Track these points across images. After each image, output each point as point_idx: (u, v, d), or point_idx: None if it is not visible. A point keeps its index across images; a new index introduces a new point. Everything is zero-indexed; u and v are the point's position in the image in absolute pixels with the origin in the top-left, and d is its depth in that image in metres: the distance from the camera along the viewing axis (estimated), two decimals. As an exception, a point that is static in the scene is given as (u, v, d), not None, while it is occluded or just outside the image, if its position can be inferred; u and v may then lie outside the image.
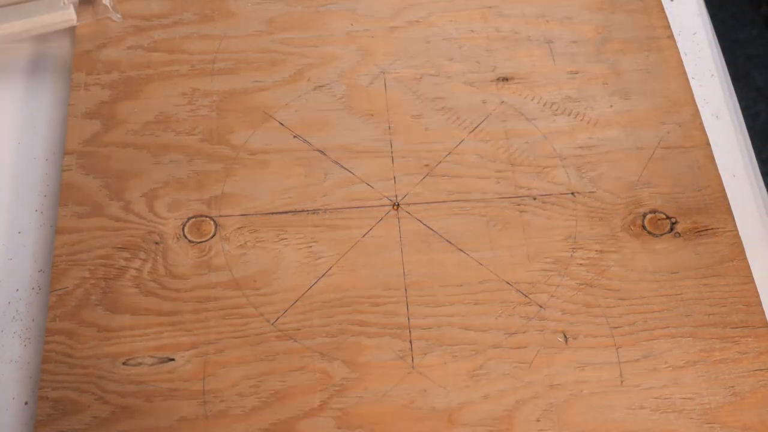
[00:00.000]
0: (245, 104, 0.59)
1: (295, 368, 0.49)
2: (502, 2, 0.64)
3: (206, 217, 0.54)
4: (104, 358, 0.49)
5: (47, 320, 0.50)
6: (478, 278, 0.52)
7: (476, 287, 0.52)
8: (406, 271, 0.53)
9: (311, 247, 0.53)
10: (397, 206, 0.55)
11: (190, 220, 0.54)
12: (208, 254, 0.53)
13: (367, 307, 0.51)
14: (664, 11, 0.64)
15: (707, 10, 0.66)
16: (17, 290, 0.52)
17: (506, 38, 0.62)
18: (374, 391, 0.48)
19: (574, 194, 0.55)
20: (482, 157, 0.57)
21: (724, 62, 0.63)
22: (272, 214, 0.54)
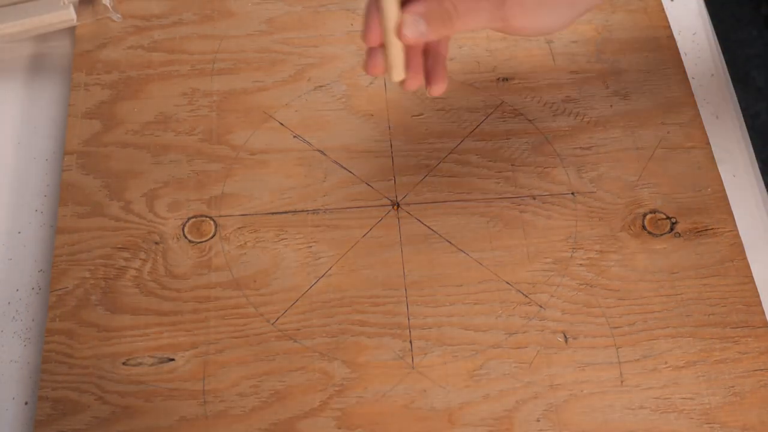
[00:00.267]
0: (245, 104, 0.59)
1: (295, 368, 0.49)
2: (502, 2, 0.64)
3: (206, 217, 0.54)
4: (104, 358, 0.49)
5: (47, 320, 0.50)
6: (478, 278, 0.52)
7: (476, 287, 0.52)
8: (406, 271, 0.53)
9: (311, 247, 0.53)
10: (397, 206, 0.55)
11: (190, 220, 0.54)
12: (208, 254, 0.53)
13: (367, 307, 0.51)
14: (664, 11, 0.64)
15: (707, 10, 0.66)
16: (17, 290, 0.52)
17: (506, 38, 0.62)
18: (374, 391, 0.48)
19: (574, 194, 0.55)
20: (482, 157, 0.57)
21: (724, 62, 0.63)
22: (272, 214, 0.54)
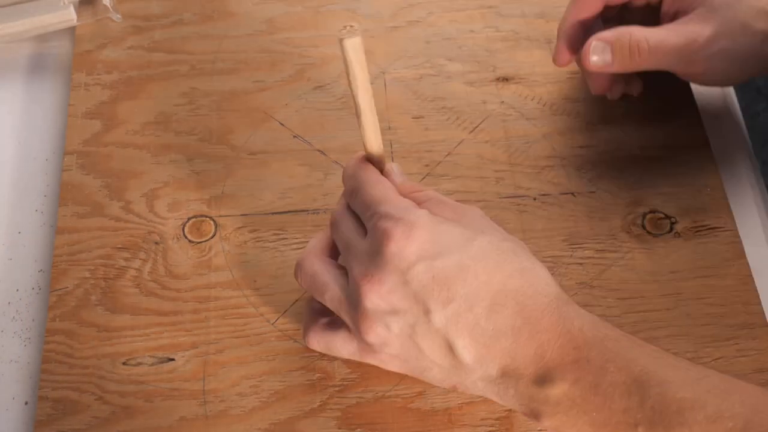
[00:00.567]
0: (245, 104, 0.59)
1: (295, 368, 0.49)
2: (502, 2, 0.64)
3: (206, 217, 0.54)
4: (104, 358, 0.49)
5: (47, 320, 0.50)
6: (478, 278, 0.52)
7: (476, 287, 0.52)
8: (406, 271, 0.53)
9: (311, 247, 0.53)
10: (397, 206, 0.55)
11: (190, 220, 0.54)
12: (208, 254, 0.53)
13: (367, 307, 0.51)
14: (664, 11, 0.63)
15: (707, 10, 0.65)
16: (17, 290, 0.52)
17: (506, 38, 0.62)
18: (374, 391, 0.48)
19: (574, 194, 0.55)
20: (482, 157, 0.57)
21: (724, 62, 0.63)
22: (272, 214, 0.55)
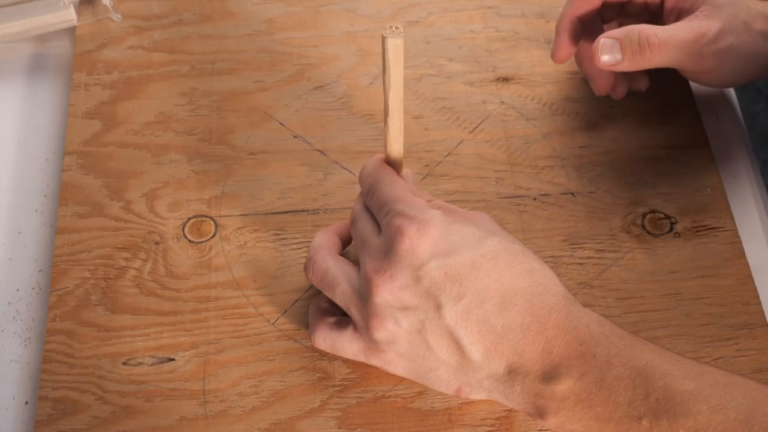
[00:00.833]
0: (245, 104, 0.59)
1: (295, 368, 0.49)
2: (501, 2, 0.64)
3: (206, 217, 0.54)
4: (104, 358, 0.49)
5: (47, 320, 0.50)
6: (478, 278, 0.52)
7: (476, 287, 0.52)
8: (406, 271, 0.53)
9: (311, 247, 0.53)
10: (397, 206, 0.55)
11: (190, 220, 0.54)
12: (208, 254, 0.53)
13: (367, 307, 0.51)
14: (663, 11, 0.63)
15: (707, 10, 0.65)
16: (17, 290, 0.52)
17: (506, 38, 0.62)
18: (374, 391, 0.49)
19: (573, 194, 0.55)
20: (482, 157, 0.57)
21: (723, 62, 0.63)
22: (272, 214, 0.55)
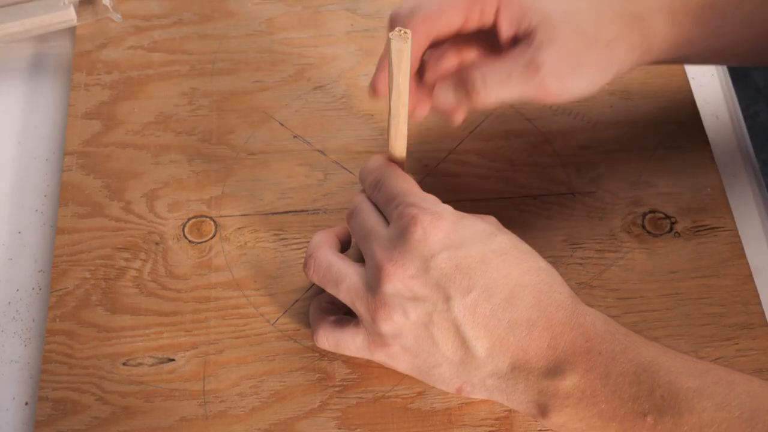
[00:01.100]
0: (245, 104, 0.59)
1: (295, 368, 0.49)
2: (502, 2, 0.64)
3: (206, 217, 0.54)
4: (104, 358, 0.49)
5: (47, 320, 0.50)
6: (478, 278, 0.52)
7: (476, 287, 0.52)
8: (406, 271, 0.53)
9: (311, 247, 0.53)
10: (397, 206, 0.55)
11: (190, 220, 0.54)
12: (208, 254, 0.53)
13: (367, 307, 0.51)
14: (664, 11, 0.63)
15: (707, 10, 0.65)
16: (17, 290, 0.52)
17: (506, 38, 0.62)
18: (374, 391, 0.49)
19: (574, 194, 0.55)
20: (482, 157, 0.57)
21: (724, 62, 0.63)
22: (272, 214, 0.55)
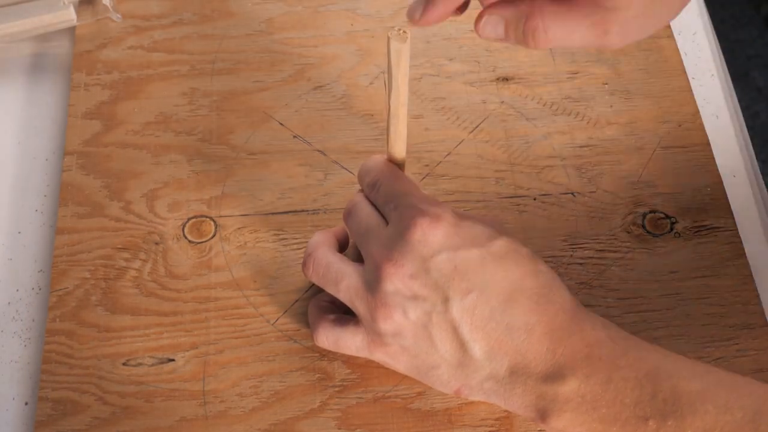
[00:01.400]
0: (245, 104, 0.59)
1: (295, 368, 0.49)
2: (502, 2, 0.64)
3: (206, 217, 0.54)
4: (104, 358, 0.49)
5: (47, 320, 0.50)
6: (478, 278, 0.52)
7: (476, 287, 0.52)
8: (406, 271, 0.52)
9: (311, 247, 0.53)
10: (397, 206, 0.55)
11: (190, 220, 0.54)
12: (208, 254, 0.53)
13: (367, 307, 0.51)
14: (664, 11, 0.63)
15: (707, 10, 0.66)
16: (17, 290, 0.52)
17: (506, 38, 0.62)
18: (374, 391, 0.48)
19: (574, 194, 0.55)
20: (482, 157, 0.57)
21: (724, 62, 0.63)
22: (272, 214, 0.55)
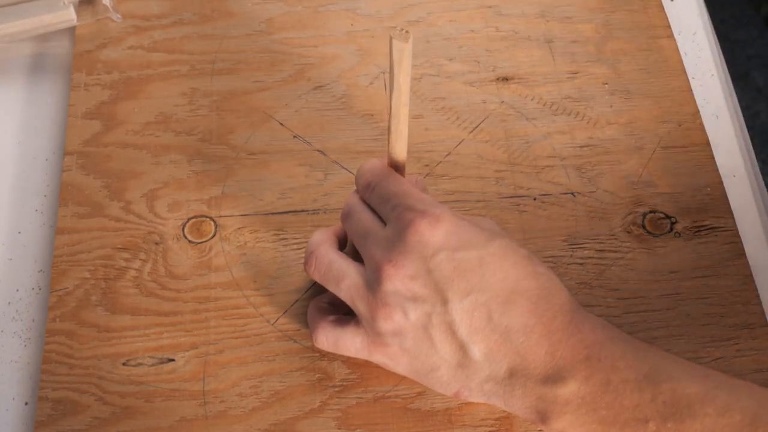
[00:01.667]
0: (245, 104, 0.59)
1: (295, 368, 0.49)
2: (502, 2, 0.64)
3: (206, 217, 0.54)
4: (104, 358, 0.49)
5: (47, 320, 0.50)
6: (478, 278, 0.52)
7: (476, 287, 0.52)
8: (406, 271, 0.52)
9: (311, 247, 0.53)
10: (397, 206, 0.55)
11: (190, 220, 0.54)
12: (208, 254, 0.53)
13: (367, 307, 0.51)
14: (664, 11, 0.64)
15: (707, 10, 0.66)
16: (17, 290, 0.52)
17: (506, 38, 0.62)
18: (374, 391, 0.48)
19: (574, 194, 0.55)
20: (482, 157, 0.57)
21: (724, 62, 0.63)
22: (272, 214, 0.55)
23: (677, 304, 0.51)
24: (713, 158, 0.57)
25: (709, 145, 0.58)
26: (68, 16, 0.61)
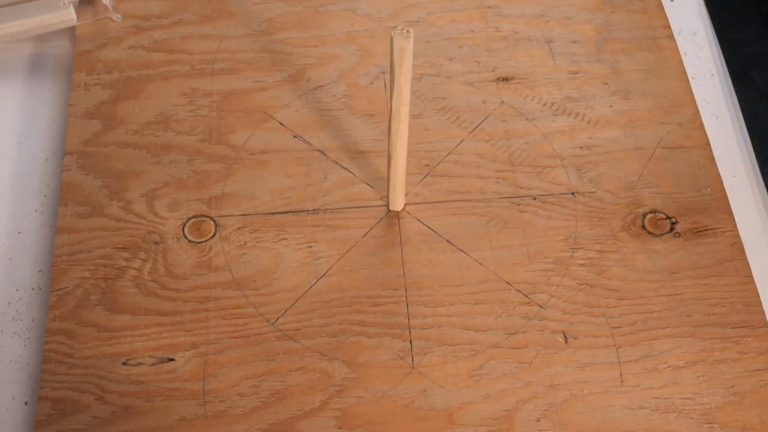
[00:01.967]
0: (245, 104, 0.59)
1: (295, 368, 0.49)
2: (502, 2, 0.64)
3: (206, 217, 0.54)
4: (104, 358, 0.49)
5: (47, 320, 0.50)
6: (478, 278, 0.52)
7: (476, 287, 0.52)
8: (406, 271, 0.53)
9: (311, 247, 0.53)
10: (397, 206, 0.55)
11: (190, 220, 0.54)
12: (208, 254, 0.53)
13: (367, 307, 0.51)
14: (664, 11, 0.64)
15: (707, 10, 0.66)
16: (17, 290, 0.52)
17: (506, 38, 0.62)
18: (374, 391, 0.48)
19: (574, 194, 0.55)
20: (482, 157, 0.57)
21: (724, 62, 0.63)
22: (272, 214, 0.55)
23: (677, 304, 0.51)
24: (713, 158, 0.57)
25: (709, 145, 0.58)
26: (68, 16, 0.61)
